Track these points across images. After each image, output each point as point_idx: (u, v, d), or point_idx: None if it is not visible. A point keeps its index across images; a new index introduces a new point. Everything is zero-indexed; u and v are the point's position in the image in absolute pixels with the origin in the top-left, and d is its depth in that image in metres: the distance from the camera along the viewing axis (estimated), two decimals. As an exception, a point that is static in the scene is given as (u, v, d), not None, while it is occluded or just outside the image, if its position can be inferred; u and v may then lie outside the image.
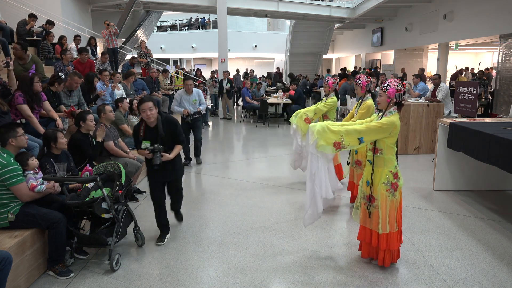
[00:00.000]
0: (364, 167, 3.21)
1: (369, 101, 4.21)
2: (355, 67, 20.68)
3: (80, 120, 3.97)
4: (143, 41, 11.22)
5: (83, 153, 3.91)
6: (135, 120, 5.52)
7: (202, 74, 14.26)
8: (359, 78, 4.24)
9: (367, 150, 3.10)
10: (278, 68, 21.34)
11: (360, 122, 3.08)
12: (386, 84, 2.89)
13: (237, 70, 15.11)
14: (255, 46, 26.72)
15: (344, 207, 4.42)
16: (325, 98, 4.99)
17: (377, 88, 3.54)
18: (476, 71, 14.35)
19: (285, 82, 17.30)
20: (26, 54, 5.29)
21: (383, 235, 2.94)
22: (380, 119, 2.89)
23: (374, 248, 3.09)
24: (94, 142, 4.13)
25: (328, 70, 15.16)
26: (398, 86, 2.86)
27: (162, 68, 12.16)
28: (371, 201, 2.98)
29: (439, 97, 7.15)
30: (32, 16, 8.04)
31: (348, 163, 4.41)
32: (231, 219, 4.10)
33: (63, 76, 4.69)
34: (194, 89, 6.11)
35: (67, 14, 11.83)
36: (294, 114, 4.90)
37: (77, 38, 8.63)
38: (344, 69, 18.48)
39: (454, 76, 12.83)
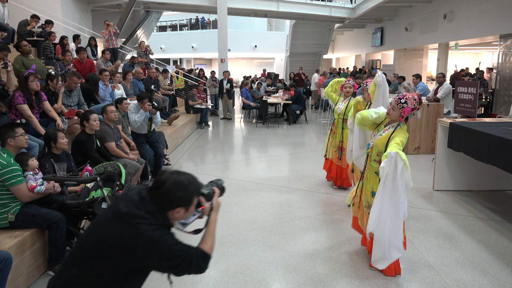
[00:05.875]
0: (366, 172, 3.06)
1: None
2: (362, 68, 20.39)
3: (84, 120, 3.98)
4: (142, 41, 11.24)
5: (86, 154, 3.90)
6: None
7: (205, 75, 14.18)
8: (367, 83, 4.02)
9: (370, 159, 2.98)
10: (264, 70, 20.42)
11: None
12: (404, 101, 2.76)
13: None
14: (255, 46, 26.71)
15: (344, 208, 4.42)
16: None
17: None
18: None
19: (285, 83, 17.27)
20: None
21: None
22: (389, 131, 2.83)
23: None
24: (98, 143, 4.13)
25: (317, 71, 15.02)
26: (414, 105, 2.75)
27: (162, 68, 12.17)
28: None
29: (439, 94, 7.16)
30: (35, 17, 8.04)
31: (352, 171, 4.26)
32: (231, 219, 4.10)
33: (53, 73, 4.69)
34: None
35: (67, 14, 11.83)
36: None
37: (78, 39, 8.63)
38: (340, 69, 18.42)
39: (454, 77, 12.83)
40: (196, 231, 1.79)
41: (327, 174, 5.23)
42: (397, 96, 2.85)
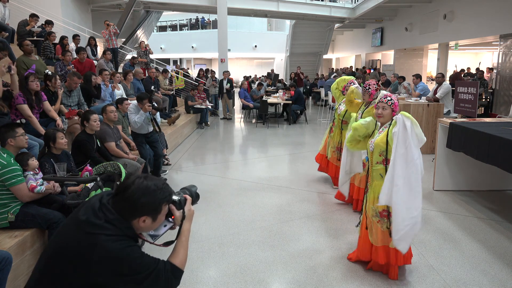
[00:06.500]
0: (370, 181, 2.98)
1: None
2: (363, 67, 20.31)
3: (84, 120, 3.98)
4: (142, 41, 11.25)
5: (87, 154, 3.91)
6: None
7: (205, 75, 14.17)
8: (369, 85, 3.95)
9: (373, 164, 2.90)
10: (272, 70, 21.04)
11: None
12: (389, 98, 2.80)
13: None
14: (255, 46, 26.72)
15: (343, 207, 4.42)
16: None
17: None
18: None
19: (285, 83, 17.30)
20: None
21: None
22: (385, 130, 2.82)
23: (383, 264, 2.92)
24: (99, 143, 4.13)
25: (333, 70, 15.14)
26: (397, 98, 2.87)
27: (162, 68, 12.17)
28: (390, 216, 2.75)
29: (438, 94, 7.16)
30: (34, 16, 8.04)
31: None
32: (231, 219, 4.10)
33: (50, 73, 4.70)
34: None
35: (67, 14, 11.82)
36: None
37: (76, 38, 8.64)
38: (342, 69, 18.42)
39: (454, 77, 12.84)
40: (167, 243, 1.63)
41: (319, 166, 5.28)
42: (382, 97, 2.88)
